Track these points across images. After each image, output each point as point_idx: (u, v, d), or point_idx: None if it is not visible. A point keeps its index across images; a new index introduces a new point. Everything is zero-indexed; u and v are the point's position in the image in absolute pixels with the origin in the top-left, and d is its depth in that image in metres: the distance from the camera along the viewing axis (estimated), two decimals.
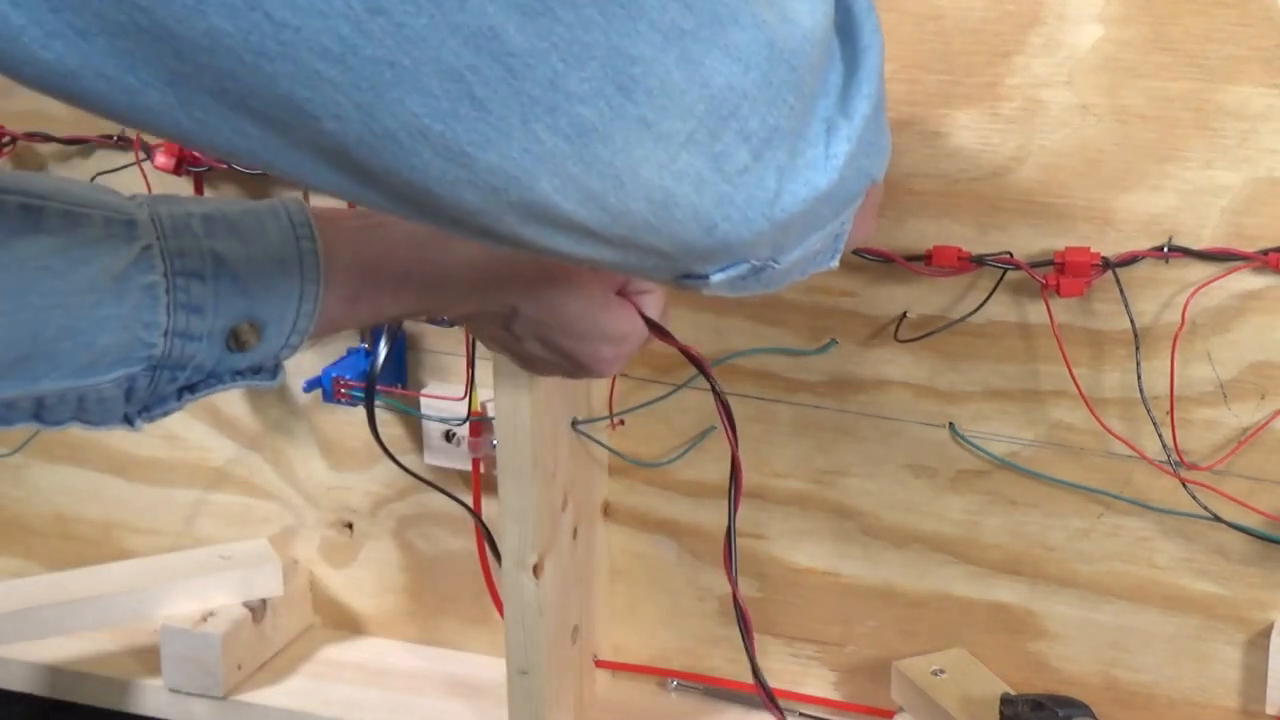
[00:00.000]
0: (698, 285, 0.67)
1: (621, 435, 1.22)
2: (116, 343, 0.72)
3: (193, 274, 0.73)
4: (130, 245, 0.72)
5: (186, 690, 1.28)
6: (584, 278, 0.84)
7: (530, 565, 1.15)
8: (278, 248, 0.75)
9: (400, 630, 1.35)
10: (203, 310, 0.73)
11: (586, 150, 0.56)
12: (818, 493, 1.19)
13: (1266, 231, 1.04)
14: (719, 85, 0.57)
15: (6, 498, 1.43)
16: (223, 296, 0.74)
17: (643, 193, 0.58)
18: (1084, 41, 1.04)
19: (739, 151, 0.59)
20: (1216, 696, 1.14)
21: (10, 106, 1.32)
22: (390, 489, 1.32)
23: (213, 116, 0.54)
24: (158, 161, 1.25)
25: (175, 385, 0.75)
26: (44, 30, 0.52)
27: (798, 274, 0.71)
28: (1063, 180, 1.07)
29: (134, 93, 0.53)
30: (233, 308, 0.74)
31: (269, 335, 0.75)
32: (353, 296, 0.78)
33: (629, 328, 0.88)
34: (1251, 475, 1.08)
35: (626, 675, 1.28)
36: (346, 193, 0.57)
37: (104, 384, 0.73)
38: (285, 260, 0.75)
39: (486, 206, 0.57)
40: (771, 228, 0.63)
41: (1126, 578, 1.14)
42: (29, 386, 0.71)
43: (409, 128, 0.54)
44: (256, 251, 0.75)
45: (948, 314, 1.11)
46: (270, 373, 0.78)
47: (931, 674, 1.15)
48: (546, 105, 0.54)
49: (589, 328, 0.86)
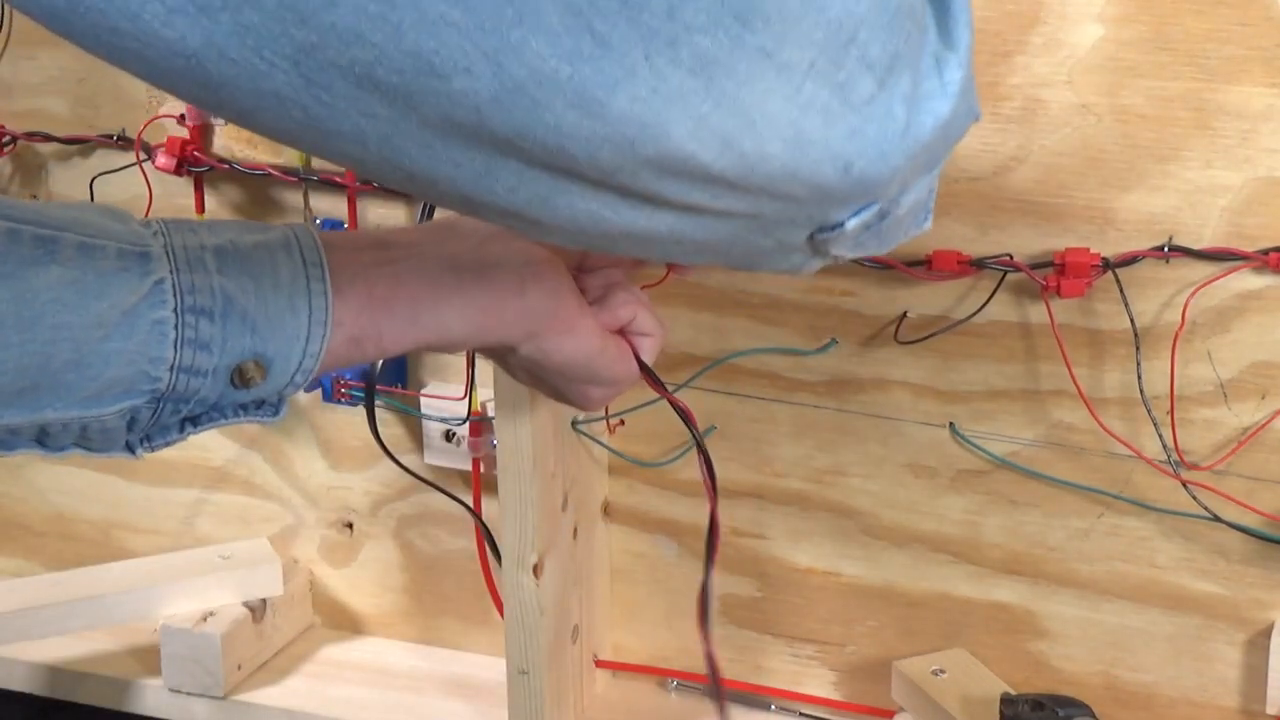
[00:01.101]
0: (830, 240, 0.65)
1: (621, 435, 1.22)
2: (122, 376, 0.72)
3: (202, 311, 0.73)
4: (143, 280, 0.72)
5: (186, 690, 1.28)
6: (584, 323, 0.84)
7: (530, 565, 1.15)
8: (288, 286, 0.75)
9: (400, 630, 1.35)
10: (209, 347, 0.73)
11: (712, 84, 0.55)
12: (818, 493, 1.19)
13: (1267, 231, 1.04)
14: (836, 11, 0.56)
15: (6, 498, 1.43)
16: (230, 335, 0.74)
17: (774, 131, 0.57)
18: (1084, 41, 1.04)
19: (863, 80, 0.58)
20: (1216, 696, 1.14)
21: (10, 106, 1.32)
22: (390, 489, 1.32)
23: (340, 99, 0.53)
24: (158, 162, 1.25)
25: (178, 417, 0.76)
26: (166, 6, 0.51)
27: (904, 231, 0.70)
28: (1063, 180, 1.07)
29: (260, 76, 0.53)
30: (239, 346, 0.74)
31: (274, 373, 0.75)
32: (358, 338, 0.78)
33: (621, 373, 0.87)
34: (1251, 475, 1.08)
35: (626, 675, 1.28)
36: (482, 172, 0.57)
37: (107, 415, 0.73)
38: (295, 300, 0.75)
39: (624, 162, 0.56)
40: (906, 161, 0.61)
41: (1127, 578, 1.14)
42: (33, 415, 0.71)
43: (538, 74, 0.53)
44: (267, 289, 0.75)
45: (948, 315, 1.11)
46: (273, 408, 0.78)
47: (931, 674, 1.15)
48: (666, 37, 0.54)
49: (581, 372, 0.86)
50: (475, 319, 0.81)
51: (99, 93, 1.30)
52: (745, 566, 1.23)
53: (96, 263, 0.71)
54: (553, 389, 0.88)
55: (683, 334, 1.18)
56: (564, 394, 0.88)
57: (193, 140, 1.24)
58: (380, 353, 0.80)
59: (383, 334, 0.78)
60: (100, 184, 1.30)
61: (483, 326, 0.81)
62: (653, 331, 0.88)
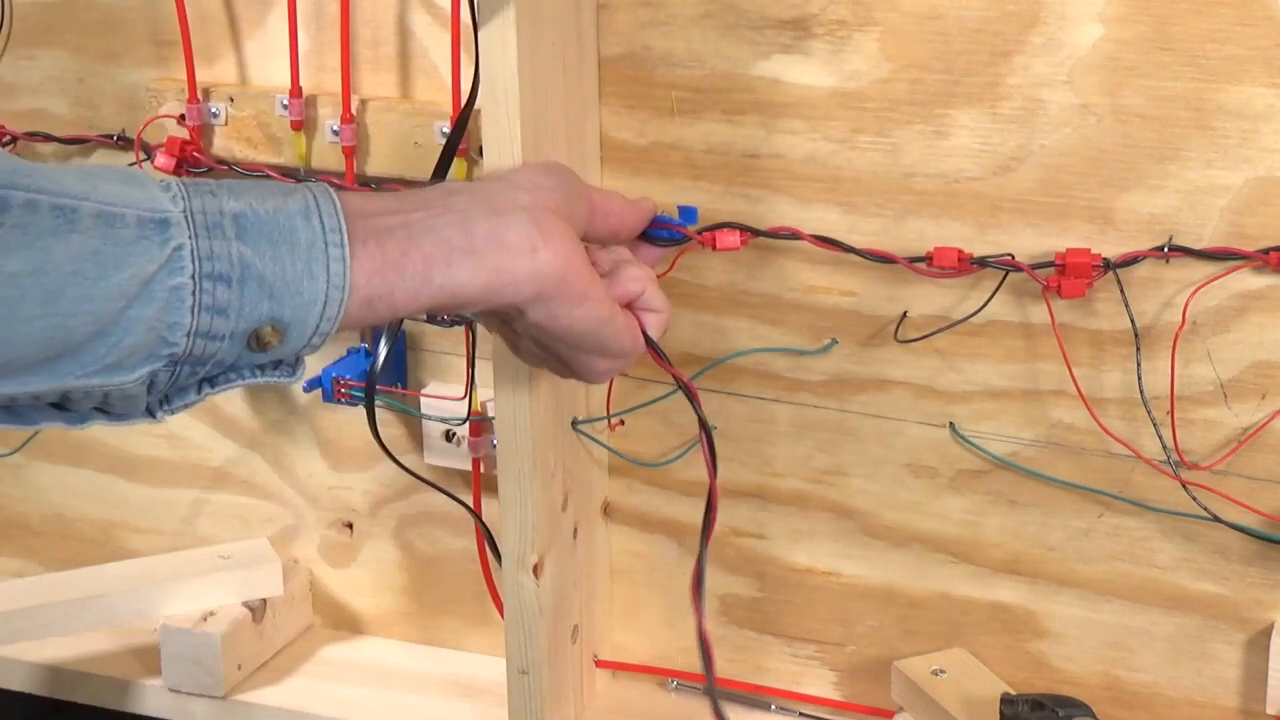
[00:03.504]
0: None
1: (621, 435, 1.22)
2: (143, 342, 0.73)
3: (220, 277, 0.74)
4: (162, 248, 0.72)
5: (186, 690, 1.28)
6: (595, 290, 0.85)
7: (530, 565, 1.15)
8: (305, 252, 0.76)
9: (400, 630, 1.35)
10: (227, 312, 0.74)
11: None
12: (818, 493, 1.19)
13: (1267, 231, 1.04)
14: None
15: (6, 498, 1.43)
16: (248, 300, 0.74)
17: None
18: (1084, 41, 1.04)
19: None
20: (1216, 696, 1.14)
21: (10, 106, 1.32)
22: (390, 489, 1.32)
23: None
24: (158, 162, 1.25)
25: (196, 378, 0.77)
26: None
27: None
28: (1063, 180, 1.07)
29: None
30: (257, 311, 0.75)
31: (291, 336, 0.76)
32: (371, 299, 0.79)
33: (629, 345, 0.88)
34: (1251, 475, 1.08)
35: (626, 675, 1.28)
36: None
37: (129, 382, 0.73)
38: (312, 266, 0.76)
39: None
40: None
41: (1127, 578, 1.14)
42: (56, 382, 0.72)
43: None
44: (284, 255, 0.75)
45: (948, 314, 1.11)
46: (290, 367, 0.79)
47: (931, 674, 1.15)
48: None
49: (589, 341, 0.86)
50: (487, 279, 0.81)
51: (99, 93, 1.30)
52: (745, 566, 1.23)
53: (116, 231, 0.71)
54: (558, 360, 0.88)
55: (683, 334, 1.18)
56: (570, 365, 0.89)
57: (192, 140, 1.24)
58: (392, 313, 0.81)
59: (395, 294, 0.79)
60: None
61: (494, 286, 0.82)
62: (661, 308, 0.90)
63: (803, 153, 1.12)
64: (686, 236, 1.06)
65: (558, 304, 0.84)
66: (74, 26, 1.29)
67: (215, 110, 1.24)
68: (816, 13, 1.09)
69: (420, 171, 1.18)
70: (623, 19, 1.13)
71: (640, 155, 1.16)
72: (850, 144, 1.11)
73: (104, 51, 1.29)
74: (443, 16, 1.18)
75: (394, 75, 1.21)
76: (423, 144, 1.19)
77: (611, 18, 1.14)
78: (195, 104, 1.24)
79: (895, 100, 1.09)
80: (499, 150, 1.05)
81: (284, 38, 1.21)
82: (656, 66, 1.14)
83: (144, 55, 1.27)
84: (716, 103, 1.13)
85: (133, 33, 1.27)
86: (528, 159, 1.06)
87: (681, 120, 1.14)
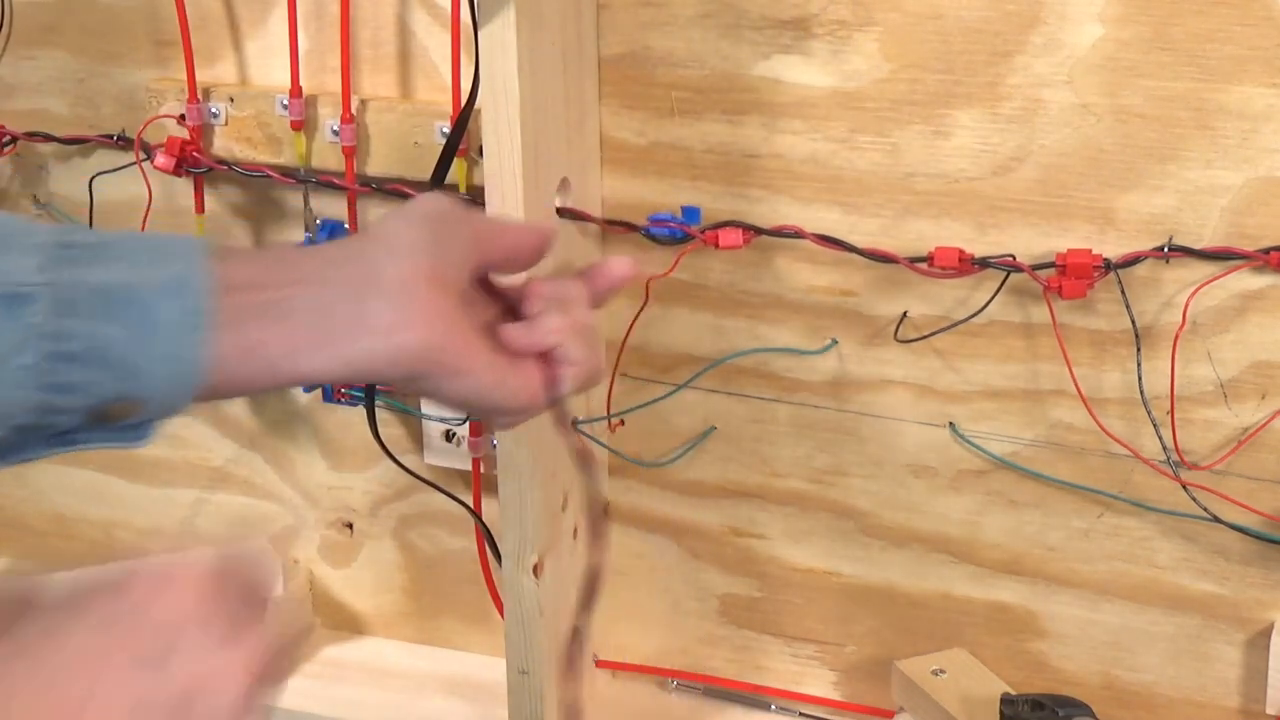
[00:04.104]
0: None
1: (621, 435, 1.22)
2: None
3: (71, 358, 0.73)
4: (15, 326, 0.72)
5: None
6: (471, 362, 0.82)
7: (530, 565, 1.15)
8: (165, 332, 0.75)
9: (400, 630, 1.35)
10: (73, 391, 0.74)
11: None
12: (818, 493, 1.19)
13: (1267, 231, 1.04)
14: None
15: (6, 498, 1.43)
16: (95, 381, 0.74)
17: None
18: (1084, 41, 1.04)
19: None
20: (1216, 696, 1.14)
21: (10, 106, 1.32)
22: (390, 489, 1.32)
23: None
24: (158, 162, 1.24)
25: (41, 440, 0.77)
26: None
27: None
28: (1063, 180, 1.07)
29: None
30: (104, 390, 0.75)
31: (141, 410, 0.77)
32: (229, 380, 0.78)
33: (525, 403, 0.84)
34: (1251, 475, 1.08)
35: (626, 675, 1.28)
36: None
37: None
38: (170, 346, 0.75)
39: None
40: None
41: (1127, 578, 1.14)
42: None
43: None
44: (144, 334, 0.75)
45: (948, 315, 1.11)
46: (139, 432, 0.79)
47: (931, 674, 1.15)
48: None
49: (476, 407, 0.84)
50: (342, 366, 0.79)
51: (99, 93, 1.30)
52: (745, 566, 1.23)
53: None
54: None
55: (683, 334, 1.18)
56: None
57: (192, 141, 1.24)
58: (251, 392, 0.80)
59: (253, 380, 0.79)
60: (100, 184, 1.30)
61: (358, 369, 0.80)
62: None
63: (803, 153, 1.12)
64: (689, 234, 1.06)
65: (432, 380, 0.81)
66: (74, 26, 1.29)
67: (215, 110, 1.24)
68: (816, 13, 1.09)
69: (420, 171, 1.18)
70: (623, 19, 1.13)
71: (640, 155, 1.16)
72: (850, 144, 1.11)
73: (104, 51, 1.29)
74: (443, 16, 1.18)
75: (394, 75, 1.21)
76: (423, 144, 1.19)
77: (611, 18, 1.14)
78: (195, 104, 1.24)
79: (895, 100, 1.09)
80: (499, 150, 1.06)
81: (284, 38, 1.21)
82: (657, 66, 1.14)
83: (144, 55, 1.28)
84: (717, 103, 1.13)
85: (133, 33, 1.27)
86: (527, 159, 1.06)
87: (682, 120, 1.14)
